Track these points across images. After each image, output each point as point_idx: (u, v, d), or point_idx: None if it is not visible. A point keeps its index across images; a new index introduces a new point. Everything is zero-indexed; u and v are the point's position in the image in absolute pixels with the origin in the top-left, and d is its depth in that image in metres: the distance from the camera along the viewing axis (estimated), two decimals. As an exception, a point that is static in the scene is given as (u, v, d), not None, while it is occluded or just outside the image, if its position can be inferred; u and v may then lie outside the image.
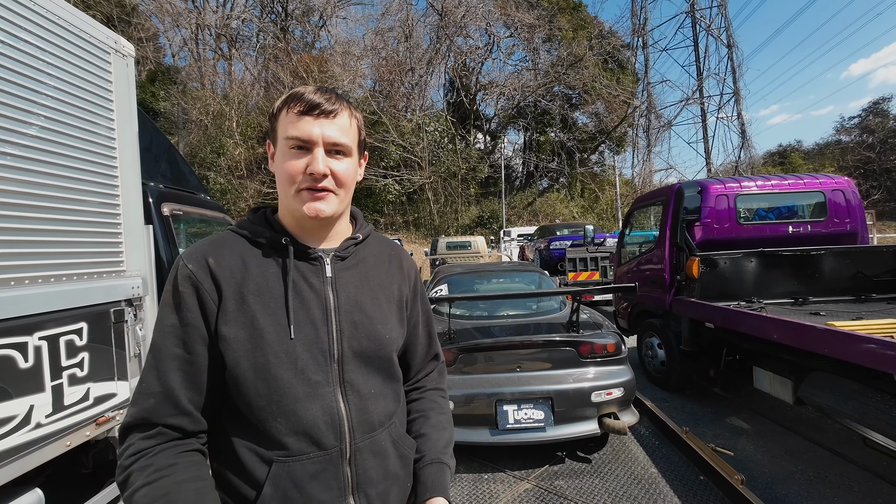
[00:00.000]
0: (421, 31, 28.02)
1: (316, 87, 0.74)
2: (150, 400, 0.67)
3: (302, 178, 0.71)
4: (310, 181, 0.71)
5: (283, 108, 0.72)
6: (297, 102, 0.71)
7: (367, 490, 0.74)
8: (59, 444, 1.50)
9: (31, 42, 1.42)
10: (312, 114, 0.71)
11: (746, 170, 28.57)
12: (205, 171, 21.29)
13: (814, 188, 4.02)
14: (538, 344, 2.83)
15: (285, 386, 0.69)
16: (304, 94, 0.71)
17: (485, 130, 29.64)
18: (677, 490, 2.55)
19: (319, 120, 0.71)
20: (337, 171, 0.73)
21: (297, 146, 0.71)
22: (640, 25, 31.30)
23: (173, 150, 3.13)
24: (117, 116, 1.79)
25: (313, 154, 0.71)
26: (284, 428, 0.69)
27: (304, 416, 0.70)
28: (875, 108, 30.71)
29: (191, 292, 0.70)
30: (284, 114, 0.72)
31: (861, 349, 2.12)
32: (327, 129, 0.71)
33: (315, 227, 0.78)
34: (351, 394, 0.74)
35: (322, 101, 0.71)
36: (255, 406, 0.69)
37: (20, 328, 1.35)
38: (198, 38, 26.55)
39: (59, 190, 1.51)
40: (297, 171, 0.71)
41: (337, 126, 0.73)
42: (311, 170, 0.70)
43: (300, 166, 0.71)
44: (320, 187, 0.72)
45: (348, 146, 0.75)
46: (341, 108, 0.73)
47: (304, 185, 0.71)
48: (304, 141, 0.70)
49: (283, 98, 0.73)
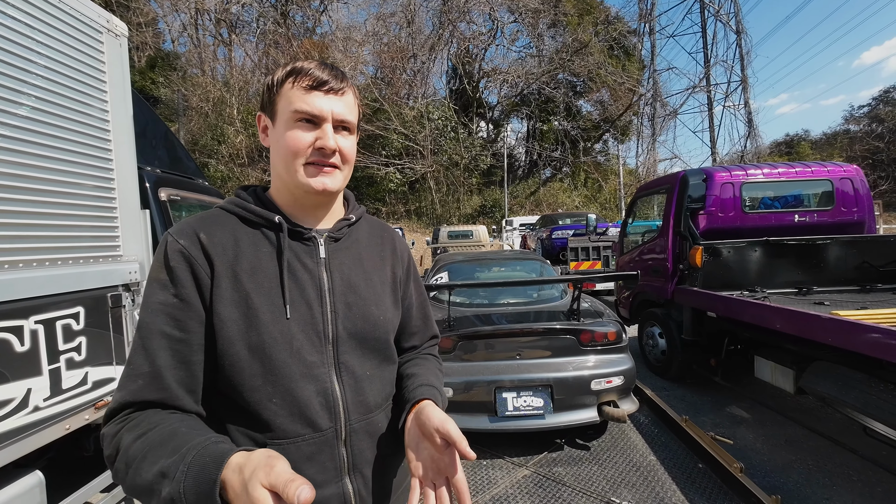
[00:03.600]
0: (423, 17, 27.58)
1: (319, 63, 0.73)
2: (138, 381, 0.63)
3: (311, 152, 0.71)
4: (318, 156, 0.71)
5: (285, 80, 0.71)
6: (305, 76, 0.70)
7: (362, 470, 0.74)
8: (59, 428, 1.50)
9: (19, 19, 1.38)
10: (322, 89, 0.70)
11: (753, 159, 28.21)
12: (205, 159, 21.22)
13: (821, 176, 3.95)
14: (538, 332, 2.83)
15: (281, 366, 0.68)
16: (311, 70, 0.71)
17: (488, 119, 29.33)
18: (676, 478, 2.56)
19: (329, 96, 0.71)
20: (343, 147, 0.73)
21: (305, 119, 0.70)
22: (647, 11, 30.63)
23: (170, 135, 3.09)
24: (111, 98, 1.75)
25: (322, 129, 0.70)
26: (280, 409, 0.68)
27: (299, 397, 0.69)
28: (885, 97, 30.18)
29: (184, 268, 0.67)
30: (290, 87, 0.70)
31: (865, 338, 2.10)
32: (336, 106, 0.71)
33: (314, 204, 0.77)
34: (346, 375, 0.74)
35: (330, 77, 0.71)
36: (250, 387, 0.67)
37: (15, 311, 1.34)
38: (197, 23, 26.16)
39: (53, 172, 1.49)
40: (306, 145, 0.70)
41: (344, 103, 0.73)
42: (321, 144, 0.70)
43: (308, 139, 0.70)
44: (330, 163, 0.72)
45: (353, 123, 0.75)
46: (347, 85, 0.74)
47: (312, 158, 0.71)
48: (315, 115, 0.70)
49: (286, 70, 0.72)
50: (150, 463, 0.55)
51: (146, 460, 0.55)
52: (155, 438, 0.57)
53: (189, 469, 0.52)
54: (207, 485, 0.51)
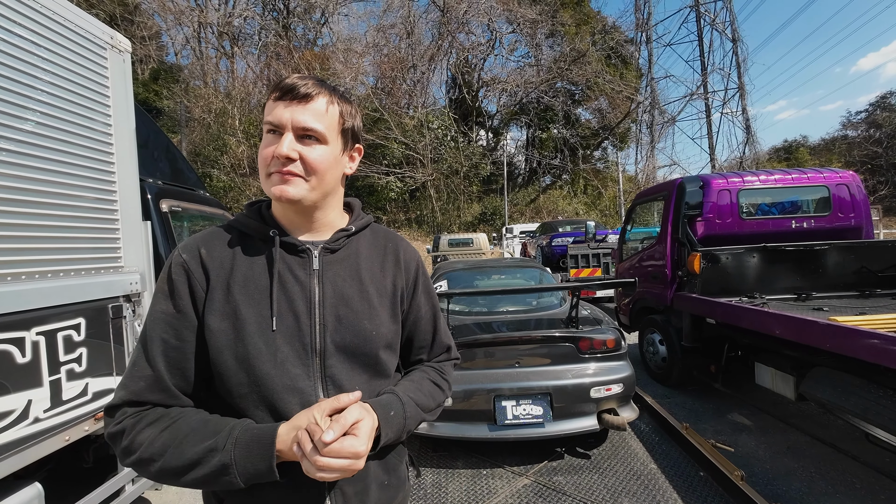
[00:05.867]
0: (423, 28, 27.89)
1: (298, 75, 0.74)
2: (141, 383, 0.68)
3: (272, 161, 0.71)
4: (276, 164, 0.71)
5: (269, 95, 0.74)
6: (276, 89, 0.73)
7: (343, 488, 0.73)
8: (58, 439, 1.51)
9: (26, 38, 1.42)
10: (286, 99, 0.71)
11: (751, 166, 28.30)
12: (208, 169, 21.33)
13: (818, 182, 3.97)
14: (537, 339, 2.82)
15: (264, 377, 0.69)
16: (282, 81, 0.73)
17: (487, 127, 29.50)
18: (677, 486, 2.54)
19: (291, 105, 0.71)
20: (307, 156, 0.72)
21: (271, 130, 0.72)
22: (643, 20, 31.02)
23: (172, 147, 3.14)
24: (114, 112, 1.79)
25: (282, 137, 0.71)
26: (266, 416, 0.70)
27: (281, 409, 0.70)
28: (882, 103, 30.31)
29: (183, 280, 0.72)
30: (268, 101, 0.74)
31: (864, 344, 2.10)
32: (298, 114, 0.71)
33: (294, 214, 0.78)
34: (332, 389, 0.74)
35: (297, 85, 0.71)
36: (237, 394, 0.70)
37: (17, 323, 1.36)
38: (200, 36, 26.55)
39: (56, 185, 1.52)
40: (268, 155, 0.72)
41: (310, 111, 0.72)
42: (276, 151, 0.70)
43: (270, 149, 0.71)
44: (286, 171, 0.71)
45: (320, 132, 0.73)
46: (319, 93, 0.73)
47: (273, 168, 0.72)
48: (276, 125, 0.71)
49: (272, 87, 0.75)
50: (192, 443, 0.63)
51: (187, 442, 0.63)
52: (187, 425, 0.66)
53: (238, 442, 0.63)
54: (261, 448, 0.63)
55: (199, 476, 0.62)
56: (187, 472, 0.62)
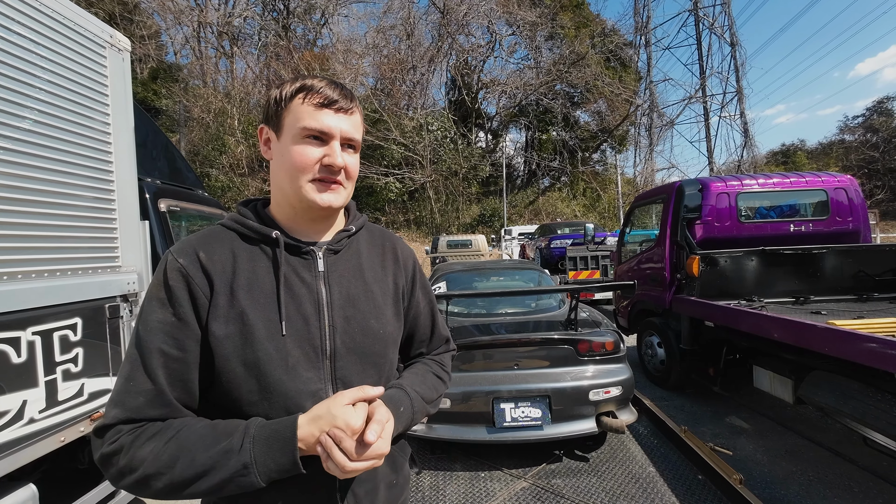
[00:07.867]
0: (423, 29, 27.92)
1: (328, 81, 0.74)
2: (140, 398, 0.63)
3: (318, 169, 0.72)
4: (326, 172, 0.72)
5: (295, 96, 0.71)
6: (317, 94, 0.71)
7: (354, 490, 0.73)
8: (53, 440, 1.49)
9: (24, 35, 1.41)
10: (332, 108, 0.72)
11: (749, 169, 28.39)
12: (207, 169, 21.32)
13: (816, 186, 3.99)
14: (536, 342, 2.82)
15: (276, 383, 0.68)
16: (322, 88, 0.72)
17: (486, 129, 29.55)
18: (675, 489, 2.54)
19: (339, 115, 0.72)
20: (349, 164, 0.75)
21: (313, 136, 0.71)
22: (642, 23, 31.12)
23: (171, 147, 3.13)
24: (112, 111, 1.78)
25: (331, 146, 0.72)
26: None
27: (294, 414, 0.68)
28: (879, 108, 30.48)
29: (182, 287, 0.67)
30: (299, 102, 0.71)
31: (862, 348, 2.10)
32: (345, 125, 0.73)
33: (315, 219, 0.77)
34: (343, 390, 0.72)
35: (340, 97, 0.73)
36: (247, 402, 0.68)
37: (13, 323, 1.35)
38: (200, 35, 26.54)
39: (53, 184, 1.50)
40: (313, 161, 0.71)
41: (352, 122, 0.74)
42: (330, 161, 0.71)
43: (316, 156, 0.71)
44: (336, 180, 0.73)
45: (358, 142, 0.77)
46: (355, 105, 0.76)
47: (320, 175, 0.72)
48: (324, 133, 0.71)
49: (296, 86, 0.72)
50: (203, 449, 0.60)
51: (197, 449, 0.60)
52: (194, 433, 0.62)
53: (256, 439, 0.61)
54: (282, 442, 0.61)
55: (215, 482, 0.59)
56: (200, 479, 0.59)
